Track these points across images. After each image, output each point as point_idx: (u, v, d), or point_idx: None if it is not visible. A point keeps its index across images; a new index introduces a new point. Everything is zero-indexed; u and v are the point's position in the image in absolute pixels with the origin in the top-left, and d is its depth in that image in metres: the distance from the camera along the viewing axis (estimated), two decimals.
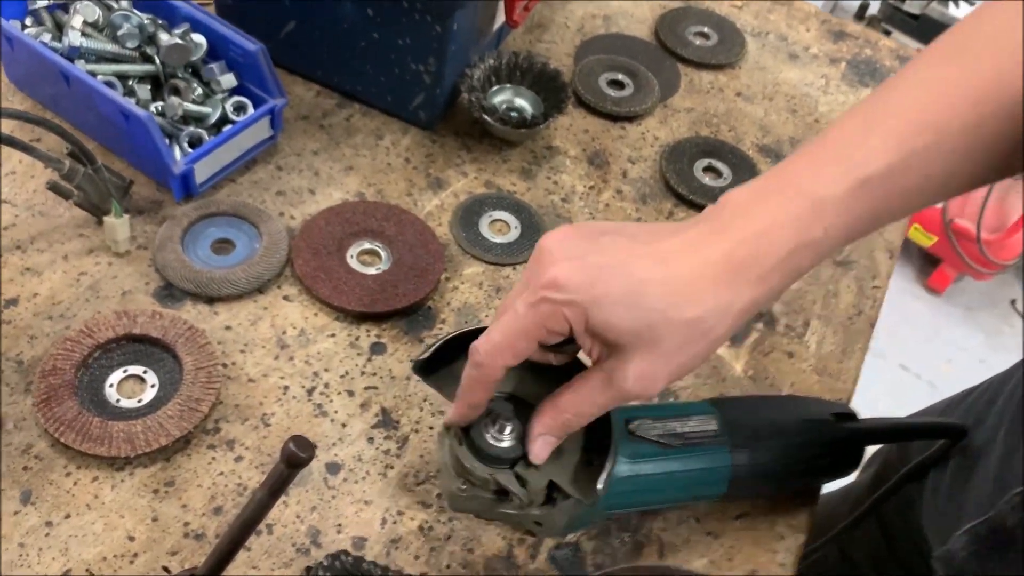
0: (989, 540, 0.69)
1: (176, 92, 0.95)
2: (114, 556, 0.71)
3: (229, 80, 0.96)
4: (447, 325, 0.90)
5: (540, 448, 0.65)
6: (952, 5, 2.70)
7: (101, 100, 0.88)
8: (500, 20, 1.09)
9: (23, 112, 0.85)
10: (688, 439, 0.75)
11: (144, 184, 0.94)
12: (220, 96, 0.96)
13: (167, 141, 0.91)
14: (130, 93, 0.93)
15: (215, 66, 0.95)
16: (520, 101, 1.09)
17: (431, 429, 0.83)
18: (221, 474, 0.77)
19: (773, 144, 1.16)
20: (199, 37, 0.96)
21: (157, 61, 0.94)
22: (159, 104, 0.94)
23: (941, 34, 0.65)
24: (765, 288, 0.60)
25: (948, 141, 0.59)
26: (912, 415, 1.00)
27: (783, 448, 0.77)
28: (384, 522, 0.76)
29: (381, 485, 0.78)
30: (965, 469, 0.81)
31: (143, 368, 0.81)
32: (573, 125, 1.12)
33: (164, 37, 0.94)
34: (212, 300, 0.87)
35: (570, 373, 0.65)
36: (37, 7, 0.96)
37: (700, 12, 1.30)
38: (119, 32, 0.93)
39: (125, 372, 0.80)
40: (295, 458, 0.57)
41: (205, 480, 0.76)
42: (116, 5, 0.94)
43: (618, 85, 1.16)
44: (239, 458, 0.78)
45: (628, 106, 1.13)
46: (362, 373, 0.85)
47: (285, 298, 0.89)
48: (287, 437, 0.55)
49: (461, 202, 1.00)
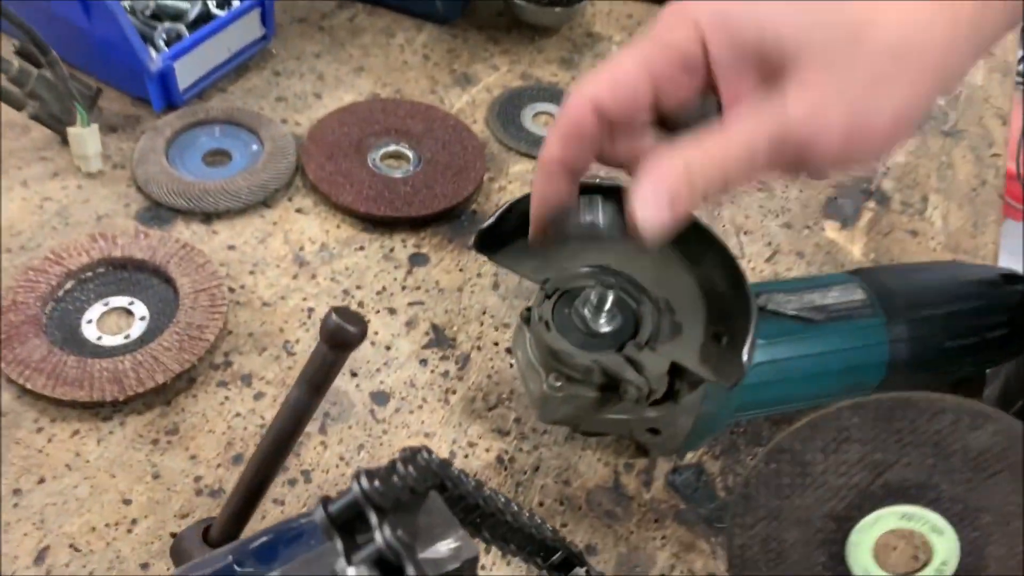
0: None
1: None
2: (106, 525, 0.54)
3: None
4: None
5: (653, 209, 0.40)
6: None
7: None
8: None
9: None
10: (833, 312, 0.59)
11: (115, 99, 0.78)
12: None
13: (140, 39, 0.74)
14: None
15: None
16: None
17: (496, 345, 0.66)
18: (238, 415, 0.59)
19: None
20: None
21: None
22: (126, 1, 0.78)
23: None
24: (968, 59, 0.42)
25: None
26: None
27: (949, 317, 0.61)
28: (452, 456, 0.59)
29: (443, 413, 0.61)
30: None
31: (129, 299, 0.64)
32: (613, 11, 0.96)
33: None
34: (209, 217, 0.71)
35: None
36: None
37: None
38: None
39: (107, 305, 0.63)
40: (342, 334, 0.41)
41: (218, 424, 0.59)
42: None
43: None
44: (259, 395, 0.61)
45: None
46: (403, 288, 0.68)
47: (298, 210, 0.72)
48: None
49: (496, 97, 0.84)
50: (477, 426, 0.61)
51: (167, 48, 0.76)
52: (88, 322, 0.62)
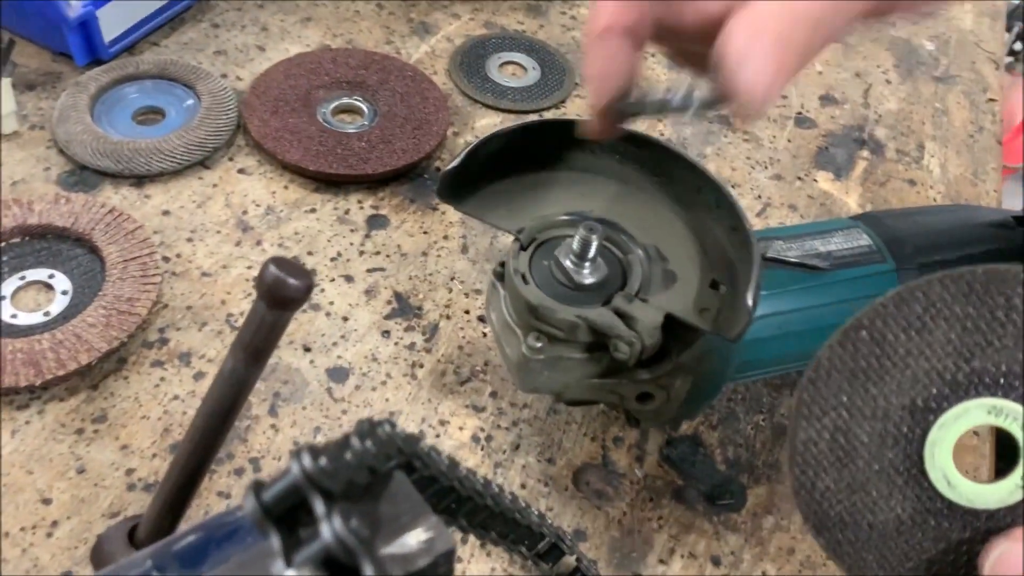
0: None
1: None
2: (21, 530, 0.46)
3: None
4: None
5: (760, 64, 0.32)
6: None
7: None
8: None
9: None
10: (838, 259, 0.53)
11: (33, 55, 0.70)
12: None
13: None
14: None
15: None
16: None
17: (467, 313, 0.59)
18: (175, 398, 0.52)
19: None
20: None
21: None
22: None
23: None
24: None
25: None
26: None
27: (962, 262, 0.54)
28: (422, 436, 0.52)
29: (410, 389, 0.55)
30: None
31: (48, 271, 0.56)
32: None
33: None
34: (141, 180, 0.63)
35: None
36: None
37: None
38: None
39: (23, 279, 0.56)
40: (283, 289, 0.34)
41: (153, 409, 0.52)
42: None
43: None
44: (199, 375, 0.53)
45: None
46: (360, 253, 0.61)
47: (241, 171, 0.65)
48: None
49: (458, 46, 0.77)
50: (449, 402, 0.54)
51: None
52: (1, 299, 0.55)
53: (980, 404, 0.30)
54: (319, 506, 0.23)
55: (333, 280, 0.59)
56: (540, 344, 0.44)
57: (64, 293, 0.55)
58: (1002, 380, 0.30)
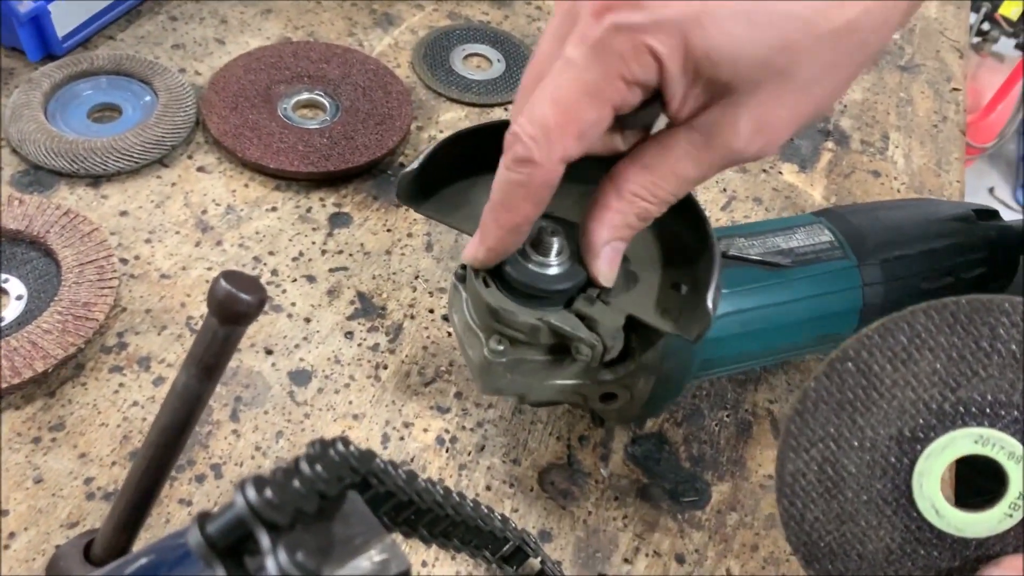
0: None
1: None
2: None
3: None
4: None
5: (608, 260, 0.43)
6: None
7: None
8: None
9: None
10: (799, 256, 0.53)
11: None
12: None
13: None
14: None
15: None
16: None
17: (431, 313, 0.59)
18: (135, 405, 0.52)
19: None
20: None
21: None
22: None
23: None
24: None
25: None
26: None
27: (924, 257, 0.56)
28: (386, 439, 0.52)
29: (374, 391, 0.54)
30: None
31: (1, 276, 0.55)
32: None
33: None
34: (97, 180, 0.62)
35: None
36: None
37: None
38: None
39: None
40: (234, 304, 0.33)
41: (112, 415, 0.51)
42: None
43: None
44: (159, 380, 0.53)
45: None
46: (323, 252, 0.61)
47: (200, 169, 0.64)
48: None
49: (421, 38, 0.76)
50: (413, 404, 0.54)
51: None
52: None
53: (967, 434, 0.30)
54: (264, 540, 0.23)
55: (295, 280, 0.59)
56: (502, 347, 0.44)
57: (18, 298, 0.54)
58: (988, 410, 0.30)
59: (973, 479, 0.34)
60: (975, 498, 0.32)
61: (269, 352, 0.55)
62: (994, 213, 0.60)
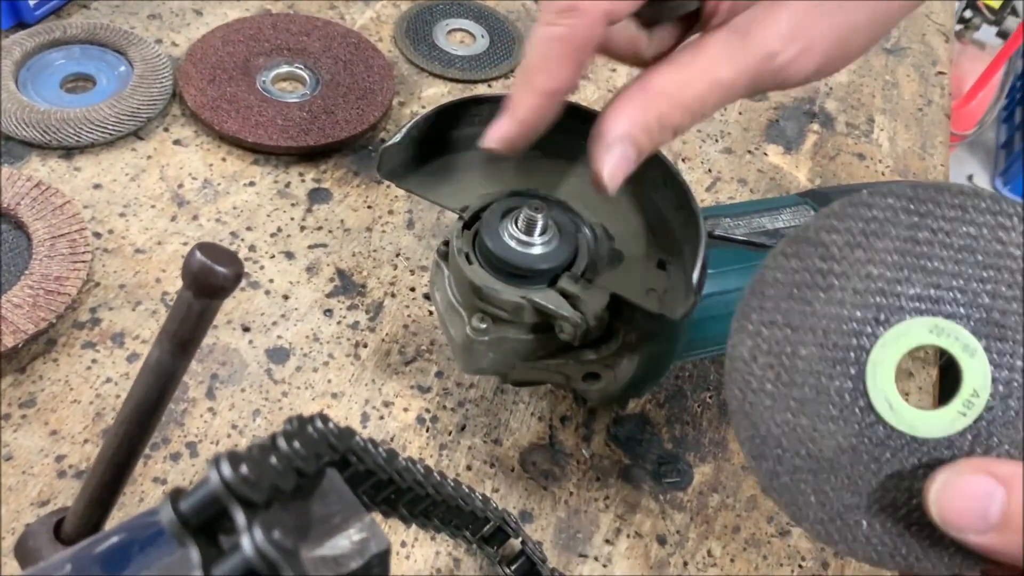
0: None
1: None
2: None
3: None
4: None
5: (617, 158, 0.38)
6: None
7: None
8: None
9: None
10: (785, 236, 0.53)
11: None
12: None
13: None
14: None
15: None
16: None
17: (412, 291, 0.58)
18: (108, 381, 0.50)
19: None
20: None
21: None
22: None
23: None
24: None
25: None
26: None
27: None
28: (366, 418, 0.51)
29: (353, 370, 0.53)
30: None
31: None
32: None
33: None
34: (70, 152, 0.60)
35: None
36: None
37: None
38: None
39: None
40: (209, 276, 0.32)
41: (84, 392, 0.50)
42: None
43: None
44: (133, 356, 0.52)
45: None
46: (302, 228, 0.60)
47: (176, 142, 0.63)
48: None
49: (404, 12, 0.75)
50: (393, 383, 0.53)
51: None
52: None
53: (923, 323, 0.29)
54: (239, 517, 0.22)
55: (273, 257, 0.58)
56: (485, 325, 0.43)
57: None
58: (943, 301, 0.29)
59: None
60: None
61: (246, 329, 0.54)
62: None
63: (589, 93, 0.73)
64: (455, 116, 0.47)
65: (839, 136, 0.74)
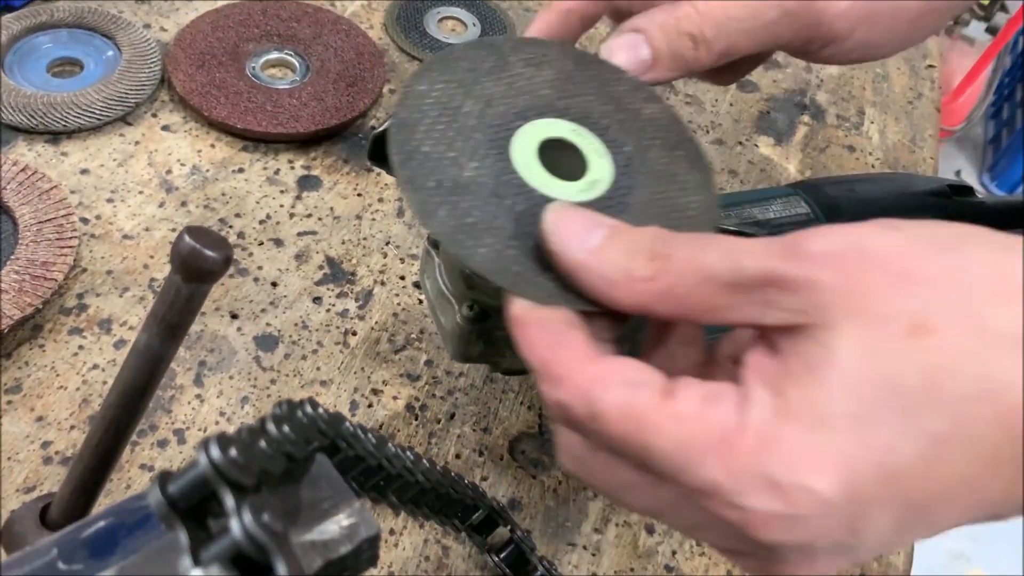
0: None
1: None
2: None
3: None
4: None
5: (625, 43, 0.39)
6: None
7: None
8: None
9: None
10: (775, 227, 0.53)
11: None
12: None
13: None
14: None
15: None
16: None
17: (402, 279, 0.58)
18: (95, 368, 0.50)
19: None
20: None
21: None
22: None
23: None
24: None
25: None
26: None
27: None
28: (355, 406, 0.51)
29: (342, 358, 0.53)
30: None
31: None
32: None
33: None
34: (57, 137, 0.60)
35: None
36: None
37: None
38: None
39: None
40: (198, 261, 0.32)
41: (71, 378, 0.49)
42: None
43: None
44: (120, 342, 0.51)
45: None
46: (291, 216, 0.59)
47: (165, 128, 0.62)
48: None
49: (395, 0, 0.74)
50: (382, 371, 0.53)
51: None
52: None
53: (570, 125, 0.36)
54: (228, 500, 0.22)
55: (262, 244, 0.57)
56: (475, 313, 0.43)
57: None
58: (589, 120, 0.36)
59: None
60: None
61: (235, 316, 0.54)
62: (969, 189, 0.60)
63: None
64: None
65: (829, 128, 0.74)
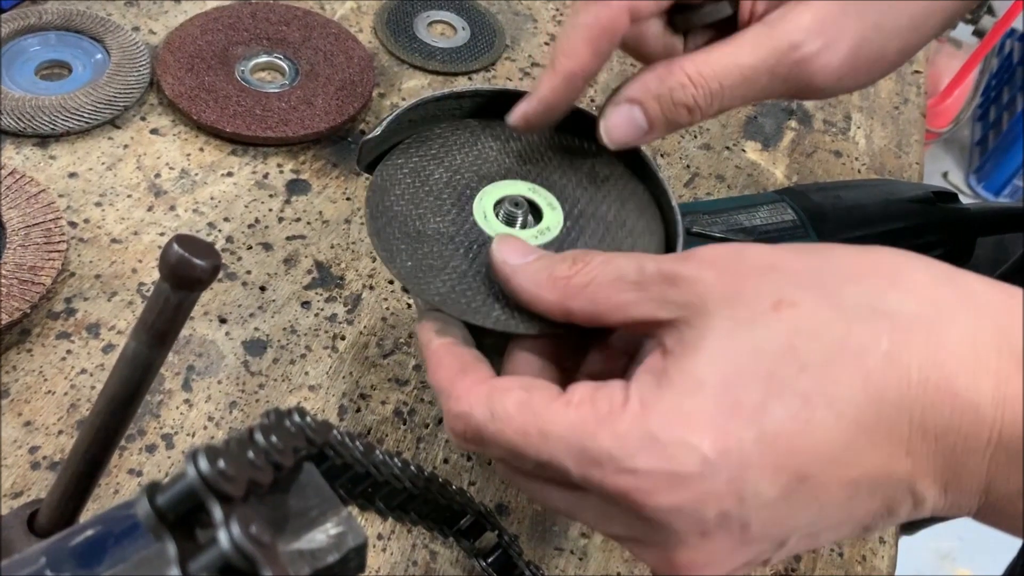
0: None
1: None
2: None
3: None
4: None
5: (622, 116, 0.40)
6: None
7: None
8: None
9: None
10: (762, 234, 0.53)
11: None
12: None
13: None
14: None
15: None
16: None
17: (391, 284, 0.58)
18: (83, 372, 0.50)
19: None
20: None
21: None
22: None
23: None
24: None
25: None
26: None
27: (883, 237, 0.56)
28: (343, 411, 0.51)
29: (331, 363, 0.53)
30: None
31: None
32: None
33: None
34: (45, 140, 0.60)
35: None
36: None
37: None
38: None
39: None
40: (186, 269, 0.32)
41: (59, 383, 0.49)
42: None
43: None
44: (109, 347, 0.51)
45: None
46: (280, 220, 0.59)
47: (154, 131, 0.62)
48: None
49: (385, 3, 0.74)
50: (371, 376, 0.53)
51: None
52: None
53: (527, 184, 0.42)
54: (217, 512, 0.22)
55: (251, 248, 0.57)
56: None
57: None
58: (546, 181, 0.43)
59: None
60: None
61: (223, 321, 0.54)
62: (953, 196, 0.61)
63: None
64: (434, 110, 0.47)
65: (816, 133, 0.75)
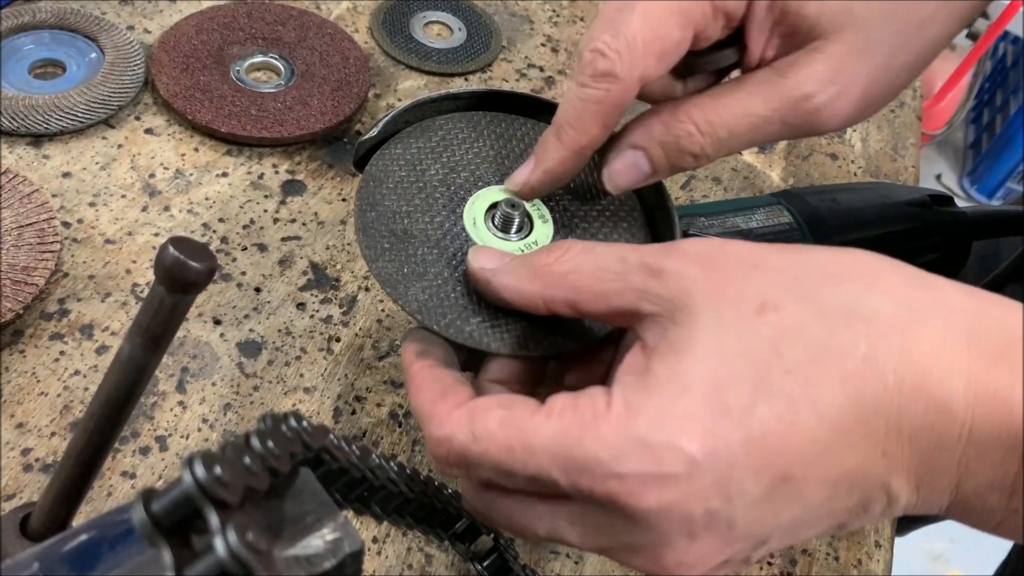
0: None
1: None
2: None
3: None
4: None
5: (623, 167, 0.39)
6: None
7: None
8: None
9: None
10: (758, 236, 0.53)
11: None
12: None
13: None
14: None
15: None
16: None
17: None
18: (76, 374, 0.50)
19: None
20: None
21: None
22: None
23: None
24: None
25: None
26: None
27: (880, 240, 0.56)
28: (338, 413, 0.51)
29: (326, 364, 0.53)
30: None
31: None
32: None
33: None
34: (38, 139, 0.59)
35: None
36: None
37: None
38: None
39: None
40: (182, 271, 0.32)
41: (52, 384, 0.49)
42: None
43: None
44: (102, 348, 0.51)
45: None
46: (275, 221, 0.59)
47: (148, 131, 0.62)
48: None
49: (381, 3, 0.74)
50: (366, 378, 0.53)
51: None
52: None
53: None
54: (213, 519, 0.22)
55: (245, 249, 0.57)
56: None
57: None
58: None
59: None
60: None
61: (218, 322, 0.53)
62: (948, 199, 0.61)
63: None
64: (431, 111, 0.47)
65: (812, 136, 0.75)
